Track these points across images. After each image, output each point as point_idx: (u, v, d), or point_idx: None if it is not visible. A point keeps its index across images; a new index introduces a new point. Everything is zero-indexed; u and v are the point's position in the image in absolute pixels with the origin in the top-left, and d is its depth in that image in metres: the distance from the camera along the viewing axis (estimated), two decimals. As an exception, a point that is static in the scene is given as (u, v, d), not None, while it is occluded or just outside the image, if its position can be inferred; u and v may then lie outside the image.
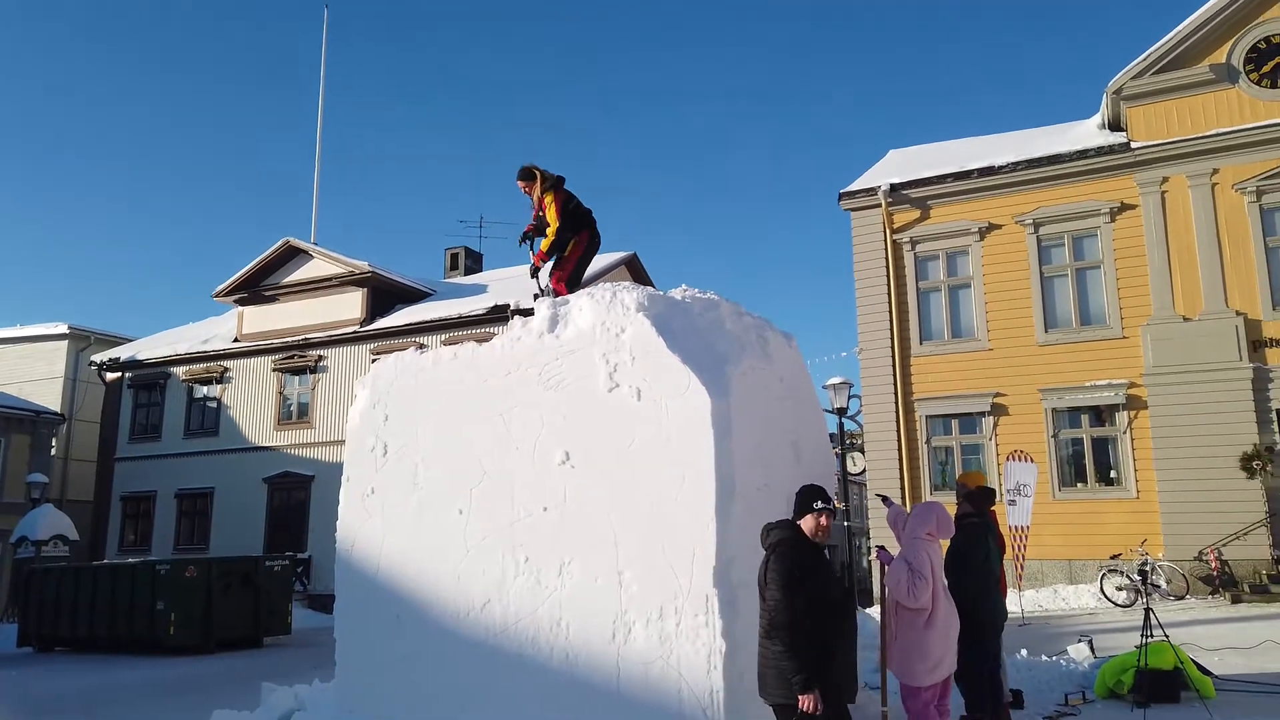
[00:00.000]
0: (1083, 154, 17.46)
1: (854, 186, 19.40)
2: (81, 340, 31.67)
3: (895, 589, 5.15)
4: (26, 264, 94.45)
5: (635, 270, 27.53)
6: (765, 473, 5.32)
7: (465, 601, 5.36)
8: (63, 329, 31.75)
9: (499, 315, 22.54)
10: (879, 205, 18.89)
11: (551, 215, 7.06)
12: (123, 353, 28.96)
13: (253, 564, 17.65)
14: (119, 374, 28.57)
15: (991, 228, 18.15)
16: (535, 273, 7.52)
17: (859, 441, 20.62)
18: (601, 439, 5.18)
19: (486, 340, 5.97)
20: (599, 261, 25.83)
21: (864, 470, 20.05)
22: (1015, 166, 17.88)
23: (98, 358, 29.07)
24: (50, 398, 30.35)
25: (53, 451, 29.55)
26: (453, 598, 5.41)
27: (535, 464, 5.37)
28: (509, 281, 25.65)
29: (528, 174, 7.21)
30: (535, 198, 7.20)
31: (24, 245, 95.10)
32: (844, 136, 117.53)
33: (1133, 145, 17.05)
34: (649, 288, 5.80)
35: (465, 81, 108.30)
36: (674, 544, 4.80)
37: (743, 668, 4.62)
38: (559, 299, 5.89)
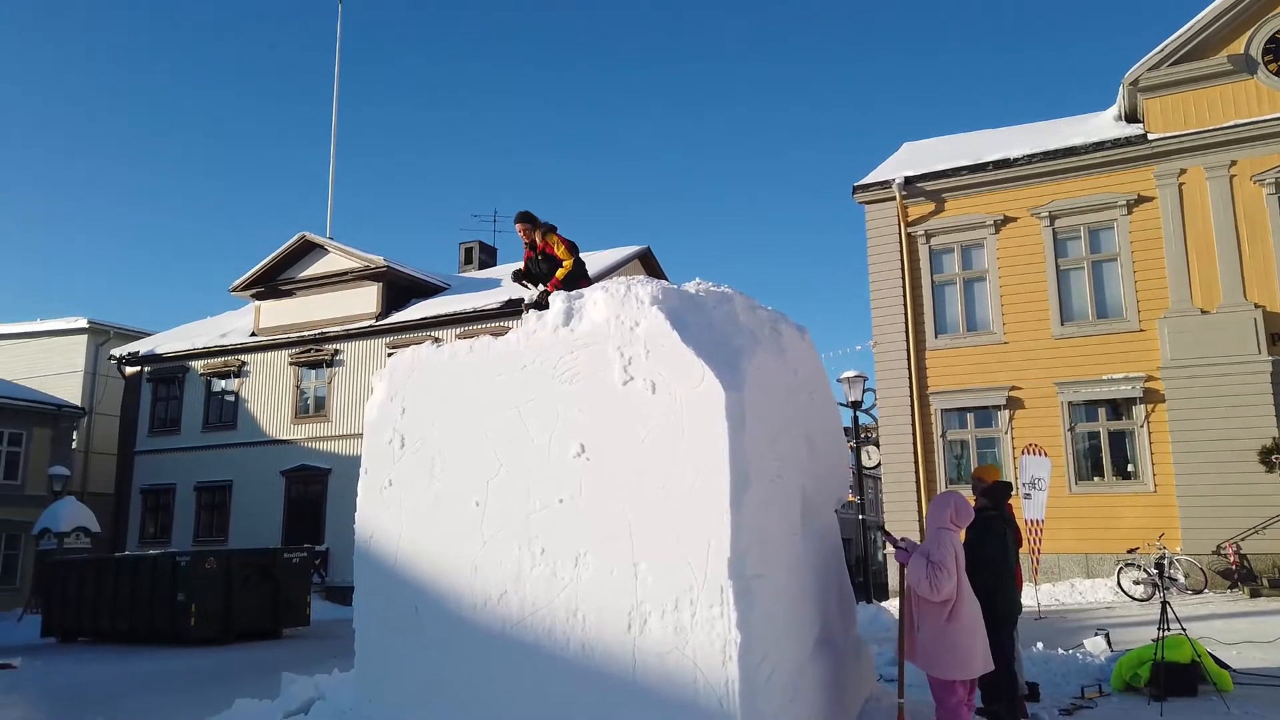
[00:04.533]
0: (1099, 146, 17.35)
1: (868, 179, 19.35)
2: (101, 335, 32.01)
3: (917, 586, 5.18)
4: (46, 260, 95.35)
5: (649, 264, 27.56)
6: (779, 465, 5.35)
7: (482, 592, 5.40)
8: (82, 324, 32.09)
9: (513, 309, 22.63)
10: (893, 198, 18.83)
11: (562, 252, 7.66)
12: (142, 347, 29.26)
13: (271, 556, 17.82)
14: (138, 368, 28.86)
15: (1007, 220, 18.07)
16: (538, 303, 7.90)
17: (874, 435, 20.59)
18: (616, 432, 5.21)
19: (501, 334, 6.02)
20: (612, 255, 25.94)
21: (879, 464, 20.02)
22: (1031, 159, 17.79)
23: (117, 352, 29.37)
24: (71, 391, 30.69)
25: (74, 445, 29.90)
26: (470, 589, 5.46)
27: (551, 457, 5.40)
28: (522, 282, 25.72)
29: (529, 217, 7.81)
30: (536, 240, 7.78)
31: (44, 242, 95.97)
32: (855, 130, 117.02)
33: (1150, 137, 16.93)
34: (663, 281, 5.83)
35: (479, 76, 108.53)
36: (689, 536, 4.82)
37: (759, 658, 4.65)
38: (574, 293, 5.93)
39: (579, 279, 7.63)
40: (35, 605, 21.92)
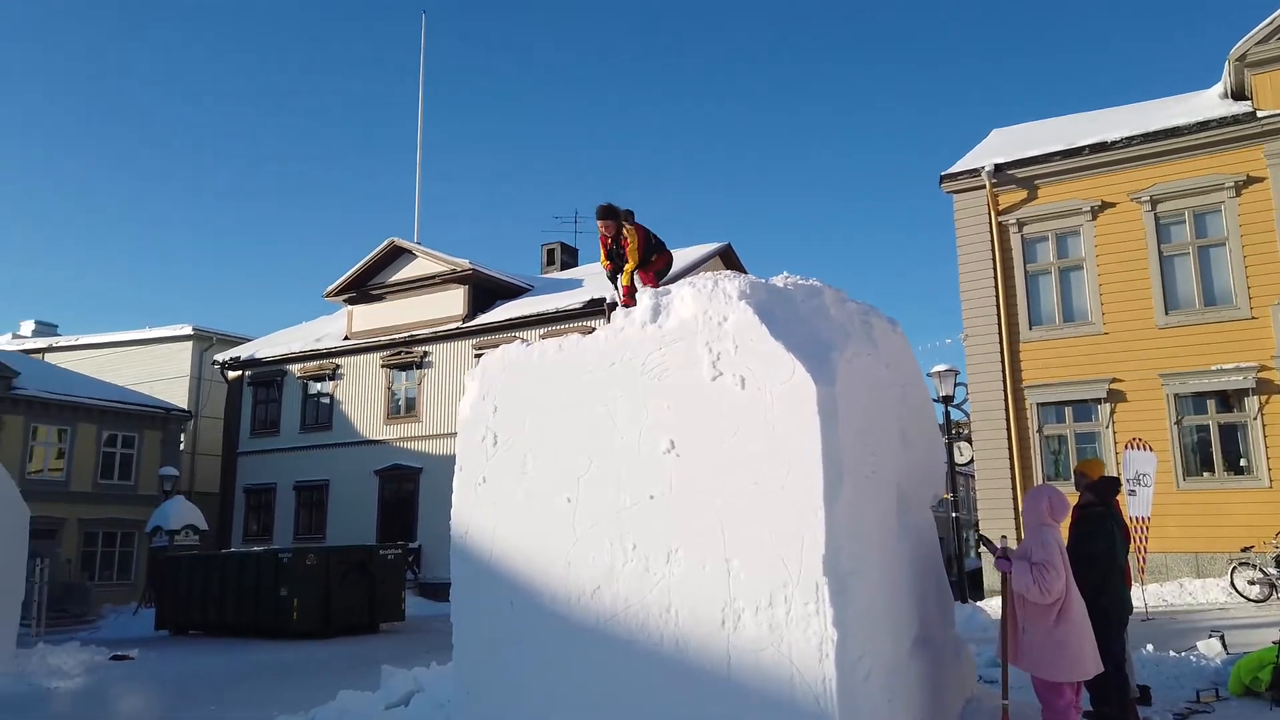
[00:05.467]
0: (1204, 125, 16.53)
1: (956, 168, 18.84)
2: (205, 341, 33.47)
3: (1026, 592, 5.02)
4: (153, 269, 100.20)
5: (730, 261, 27.41)
6: (873, 460, 5.24)
7: (576, 588, 5.45)
8: (188, 330, 33.62)
9: (595, 309, 22.81)
10: (983, 187, 18.29)
11: (631, 252, 7.32)
12: (242, 352, 30.48)
13: (368, 553, 18.36)
14: (239, 372, 30.08)
15: (1105, 206, 17.37)
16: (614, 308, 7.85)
17: (966, 431, 20.05)
18: (706, 427, 5.19)
19: (586, 333, 6.07)
20: (692, 253, 25.89)
21: (971, 460, 19.50)
22: (1130, 141, 17.06)
23: (220, 357, 30.66)
24: (178, 395, 32.19)
25: (181, 446, 31.33)
26: (563, 584, 5.52)
27: (640, 453, 5.42)
28: (604, 276, 25.91)
29: (611, 212, 7.42)
30: (617, 234, 7.42)
31: (151, 251, 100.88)
32: (939, 121, 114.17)
33: (1259, 114, 16.05)
34: (750, 276, 5.77)
35: (559, 77, 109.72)
36: (781, 532, 4.77)
37: (856, 656, 4.58)
38: (661, 289, 5.93)
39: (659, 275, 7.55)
40: (149, 599, 23.05)
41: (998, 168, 18.08)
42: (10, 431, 25.99)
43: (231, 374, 30.22)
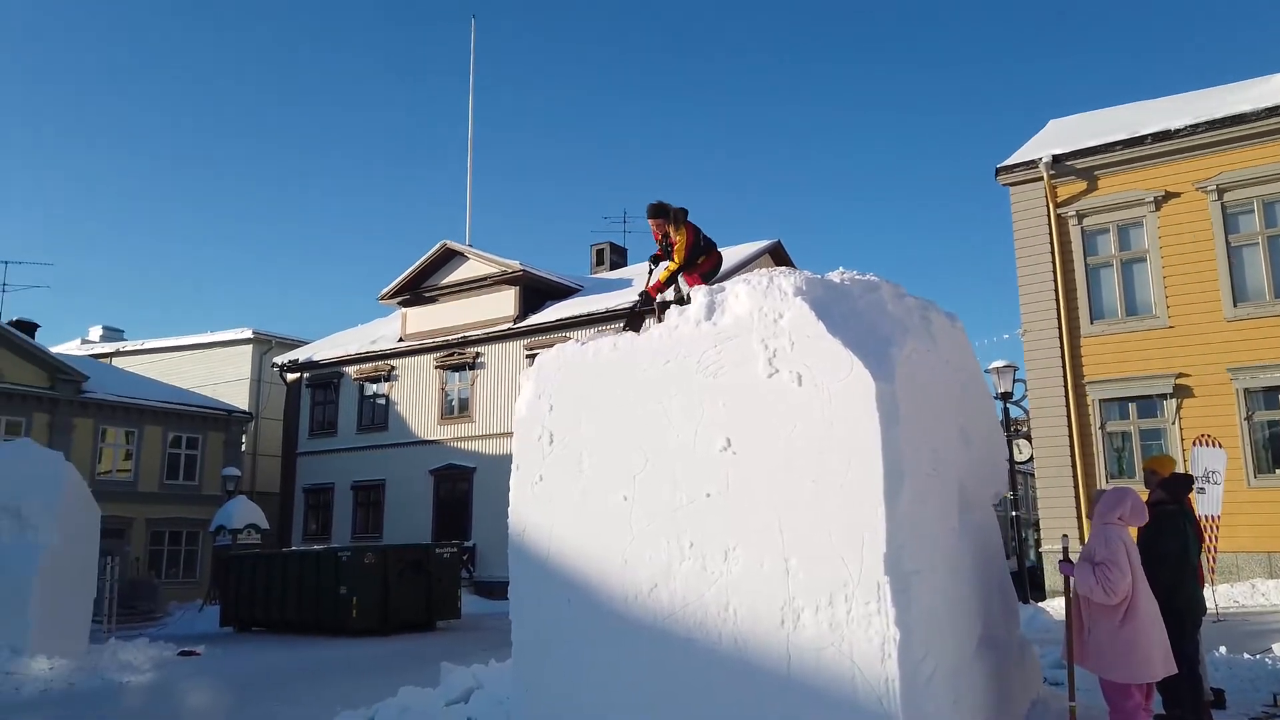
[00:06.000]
0: (1272, 111, 15.99)
1: (1012, 160, 18.47)
2: (264, 344, 34.26)
3: (1090, 593, 4.90)
4: (215, 275, 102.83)
5: (780, 259, 27.24)
6: (934, 457, 5.16)
7: (633, 586, 5.46)
8: (247, 334, 34.45)
9: (645, 308, 22.80)
10: (1040, 178, 17.90)
11: (678, 255, 7.27)
12: (300, 354, 31.12)
13: (424, 552, 18.60)
14: (298, 374, 30.71)
15: (1169, 196, 16.89)
16: (644, 302, 7.81)
17: (1024, 428, 19.64)
18: (762, 425, 5.16)
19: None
20: (741, 251, 25.77)
21: (1030, 458, 19.09)
22: (1194, 129, 16.56)
23: (279, 360, 31.36)
24: (239, 397, 32.99)
25: (243, 447, 32.12)
26: (620, 582, 5.53)
27: (696, 451, 5.40)
28: (648, 269, 25.90)
29: (661, 210, 7.38)
30: (668, 233, 7.37)
31: (212, 257, 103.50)
32: (993, 112, 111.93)
33: (1332, 97, 15.47)
34: (805, 271, 5.72)
35: (607, 77, 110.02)
36: (841, 530, 4.72)
37: (919, 657, 4.51)
38: (715, 286, 5.91)
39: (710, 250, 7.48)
40: (213, 597, 23.66)
41: (1056, 159, 17.69)
42: (81, 434, 26.87)
43: (290, 376, 30.88)
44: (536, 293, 26.82)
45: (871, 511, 4.64)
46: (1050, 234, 17.79)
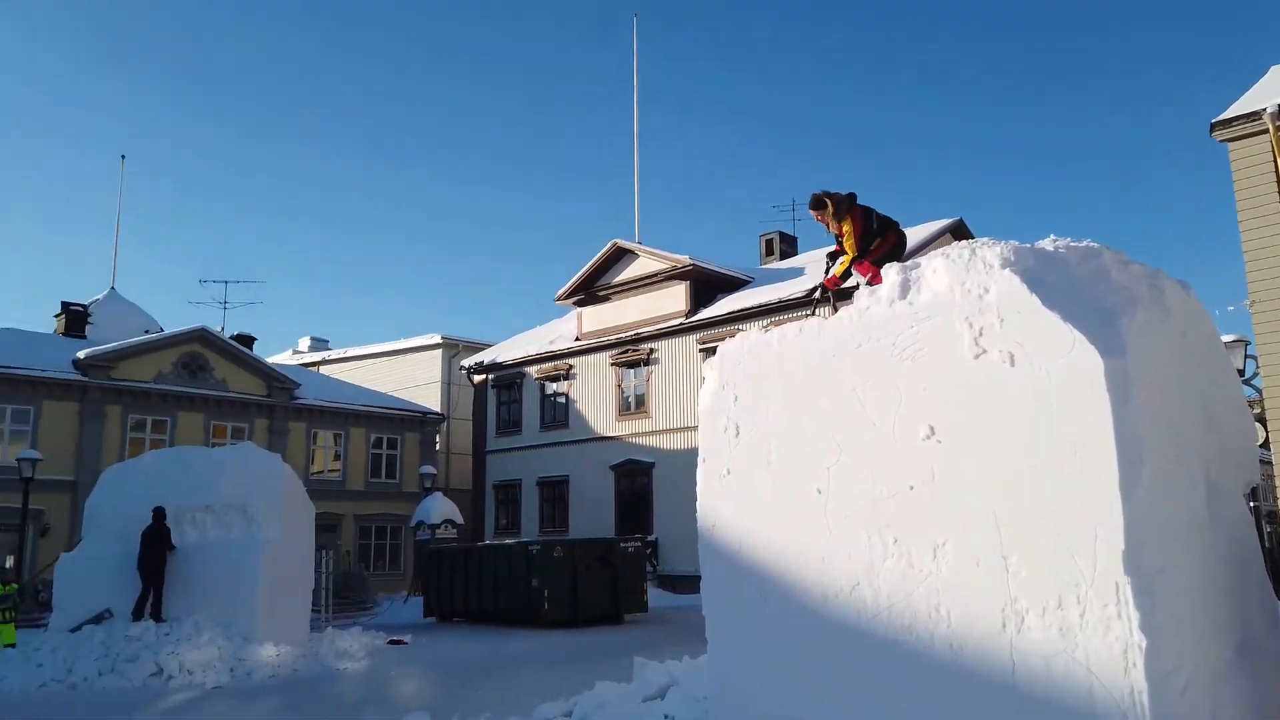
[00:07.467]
0: None
1: (1230, 113, 16.56)
2: (452, 348, 36.06)
3: None
4: (405, 284, 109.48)
5: (962, 237, 25.83)
6: (1175, 441, 4.57)
7: (832, 584, 5.18)
8: (437, 339, 36.38)
9: (823, 303, 22.19)
10: (1266, 130, 15.95)
11: (849, 246, 6.90)
12: (485, 357, 32.50)
13: (609, 545, 18.87)
14: (484, 376, 32.09)
15: None
16: (822, 293, 7.55)
17: (1258, 410, 17.64)
18: (970, 411, 4.75)
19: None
20: (921, 231, 24.61)
21: (1264, 442, 17.12)
22: None
23: (466, 362, 32.91)
24: (431, 399, 34.88)
25: (437, 447, 33.91)
26: (818, 579, 5.26)
27: (896, 440, 5.05)
28: (825, 263, 25.23)
29: (819, 203, 7.01)
30: (834, 225, 7.01)
31: (405, 268, 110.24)
32: (1196, 64, 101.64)
33: None
34: (1011, 242, 5.23)
35: (773, 64, 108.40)
36: (1069, 525, 4.26)
37: (1170, 666, 3.99)
38: (909, 263, 5.52)
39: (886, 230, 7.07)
40: (417, 589, 25.04)
41: (1284, 106, 15.71)
42: (295, 437, 29.18)
43: (477, 378, 32.31)
44: (707, 286, 26.72)
45: (1106, 503, 4.16)
46: (1279, 192, 15.85)
